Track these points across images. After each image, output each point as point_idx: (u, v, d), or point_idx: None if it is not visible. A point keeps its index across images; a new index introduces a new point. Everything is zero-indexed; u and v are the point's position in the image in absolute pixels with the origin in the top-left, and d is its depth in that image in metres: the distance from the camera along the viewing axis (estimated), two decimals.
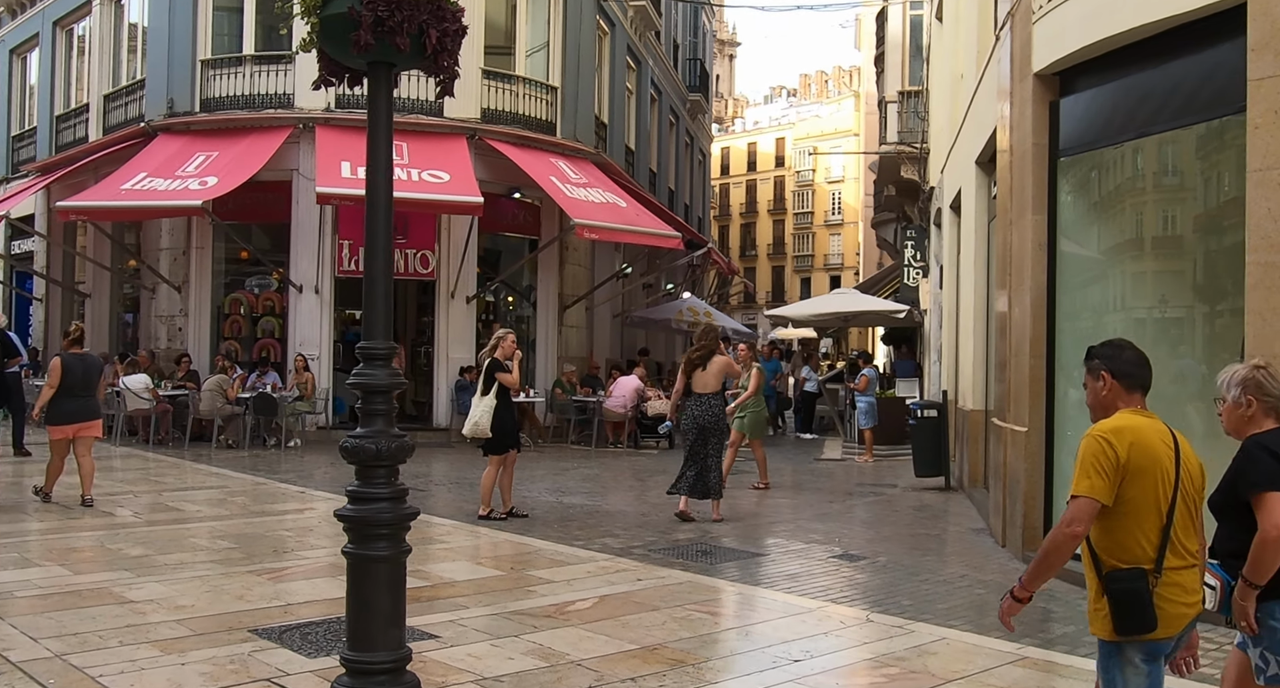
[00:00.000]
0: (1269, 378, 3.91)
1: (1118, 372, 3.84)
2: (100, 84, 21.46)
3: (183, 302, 18.74)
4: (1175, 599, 3.65)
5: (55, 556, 8.60)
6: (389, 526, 5.14)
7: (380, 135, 5.35)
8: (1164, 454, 3.69)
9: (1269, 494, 3.66)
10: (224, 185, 16.56)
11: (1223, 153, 7.71)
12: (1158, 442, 3.71)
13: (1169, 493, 3.66)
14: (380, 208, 5.28)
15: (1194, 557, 3.73)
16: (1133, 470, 3.63)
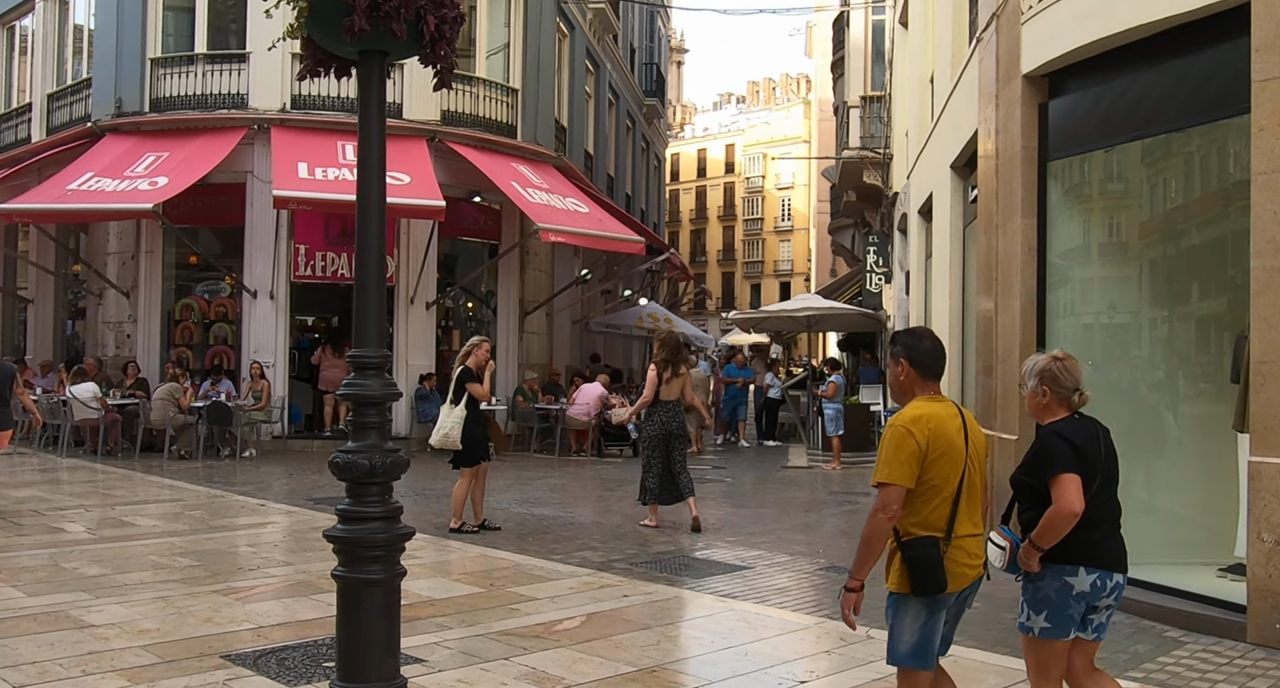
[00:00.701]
0: (1064, 371, 4.31)
1: (914, 360, 4.22)
2: (44, 83, 20.79)
3: (131, 307, 18.15)
4: (960, 562, 4.09)
5: (5, 575, 8.12)
6: (383, 547, 4.82)
7: (372, 131, 5.04)
8: (956, 437, 4.12)
9: (1063, 476, 4.09)
10: (175, 186, 16.05)
11: (1224, 156, 7.58)
12: (951, 426, 4.12)
13: (959, 471, 4.08)
14: (373, 208, 4.97)
15: (977, 525, 4.19)
16: (932, 455, 4.03)
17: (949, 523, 4.08)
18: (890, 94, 20.51)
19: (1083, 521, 4.12)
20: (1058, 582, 4.23)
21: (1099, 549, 4.26)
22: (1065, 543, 4.16)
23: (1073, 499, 4.08)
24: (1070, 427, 4.27)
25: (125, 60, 18.33)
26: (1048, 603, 4.25)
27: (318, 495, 12.77)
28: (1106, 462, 4.30)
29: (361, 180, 4.97)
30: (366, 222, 4.92)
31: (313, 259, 17.59)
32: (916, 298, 16.74)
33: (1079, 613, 4.27)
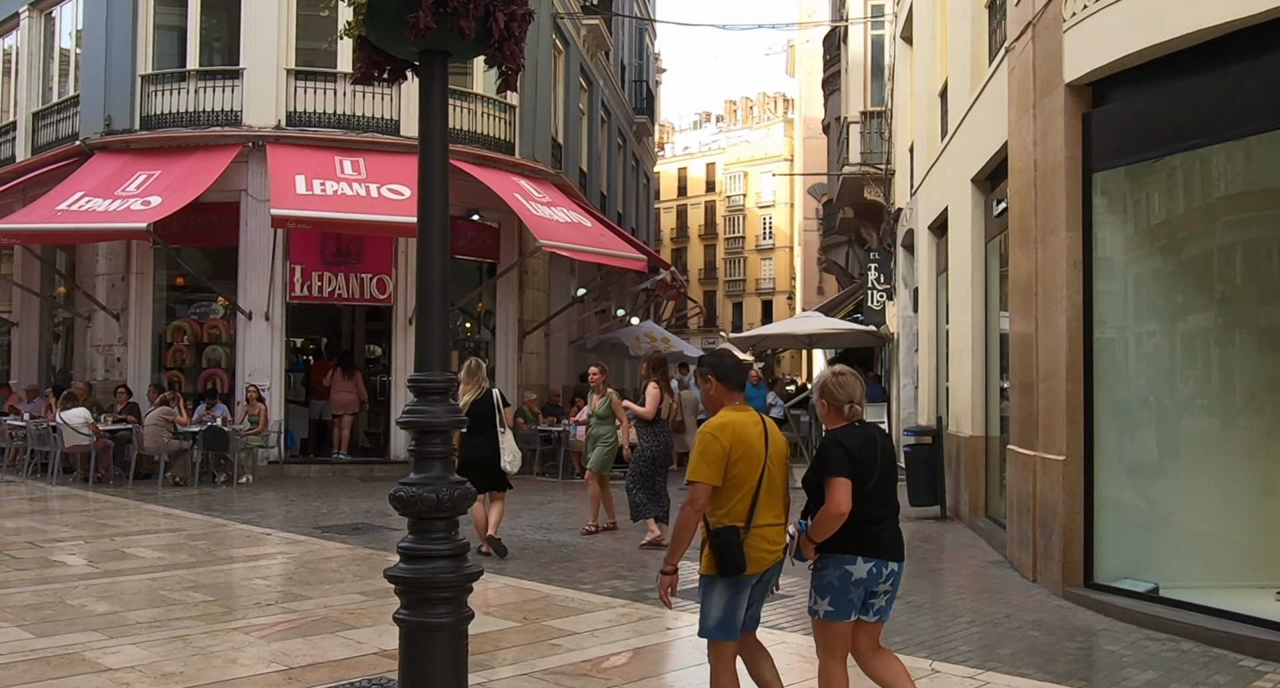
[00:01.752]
0: (838, 386, 4.80)
1: (720, 376, 4.89)
2: (29, 101, 20.33)
3: (121, 330, 17.67)
4: (760, 548, 4.69)
5: (10, 614, 7.68)
6: (451, 587, 4.47)
7: (434, 140, 4.71)
8: (756, 441, 4.73)
9: (835, 480, 4.61)
10: (169, 205, 15.63)
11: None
12: (752, 432, 4.74)
13: (759, 470, 4.68)
14: (435, 221, 4.64)
15: (778, 517, 4.79)
16: (735, 456, 4.65)
17: (749, 514, 4.68)
18: (891, 109, 20.29)
19: (860, 516, 4.65)
20: (839, 570, 4.71)
21: (875, 541, 4.73)
22: (845, 536, 4.67)
23: (840, 500, 4.60)
24: (847, 433, 4.76)
25: (114, 77, 17.91)
26: (830, 589, 4.73)
27: (324, 523, 12.34)
28: (882, 465, 4.76)
29: (423, 191, 4.63)
30: (429, 235, 4.59)
31: (308, 279, 17.16)
32: (927, 314, 16.46)
33: (859, 598, 4.74)
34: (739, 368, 4.95)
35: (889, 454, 4.86)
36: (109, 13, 18.07)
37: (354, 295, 17.47)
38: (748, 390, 18.20)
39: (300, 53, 17.79)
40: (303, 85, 17.53)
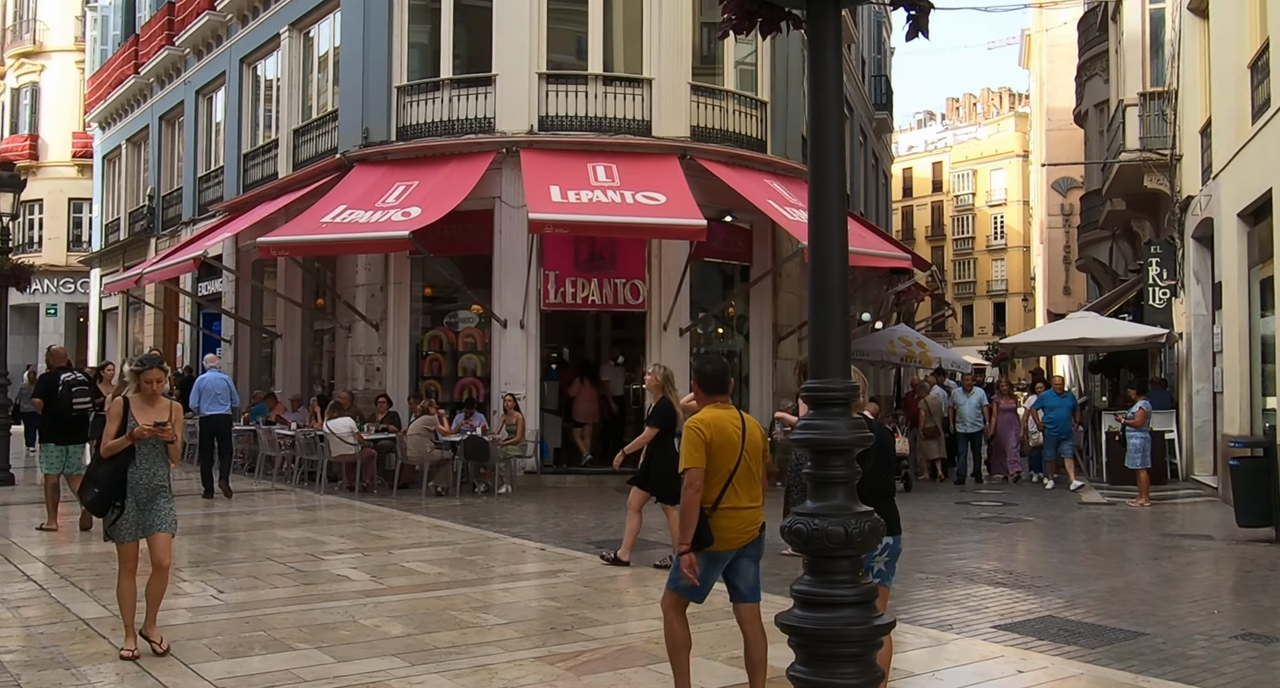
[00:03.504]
0: None
1: (700, 382, 5.63)
2: (289, 118, 20.90)
3: (380, 340, 17.81)
4: (729, 527, 5.29)
5: (307, 635, 7.37)
6: (859, 642, 3.66)
7: (829, 101, 3.89)
8: (734, 434, 5.37)
9: None
10: (428, 215, 15.57)
11: None
12: (730, 426, 5.39)
13: (734, 460, 5.32)
14: (833, 203, 3.80)
15: (754, 500, 5.41)
16: (714, 447, 5.28)
17: (718, 497, 5.31)
18: (1178, 88, 18.51)
19: None
20: None
21: None
22: None
23: None
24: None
25: (371, 90, 18.11)
26: None
27: (595, 538, 11.82)
28: (877, 452, 5.24)
29: (816, 166, 3.84)
30: (826, 221, 3.78)
31: (562, 286, 16.86)
32: (1235, 312, 14.76)
33: None
34: (719, 375, 5.68)
35: (885, 442, 5.68)
36: (365, 27, 18.30)
37: (607, 301, 17.07)
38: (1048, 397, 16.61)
39: (550, 56, 17.54)
40: (554, 89, 17.26)
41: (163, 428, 6.65)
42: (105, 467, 6.68)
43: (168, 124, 27.57)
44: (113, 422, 6.70)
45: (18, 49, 40.97)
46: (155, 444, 6.73)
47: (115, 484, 6.63)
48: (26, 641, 7.15)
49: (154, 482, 6.72)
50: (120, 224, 30.73)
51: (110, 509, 6.63)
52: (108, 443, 6.66)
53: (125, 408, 6.73)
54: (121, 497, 6.61)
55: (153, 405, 6.85)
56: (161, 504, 6.77)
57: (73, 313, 39.32)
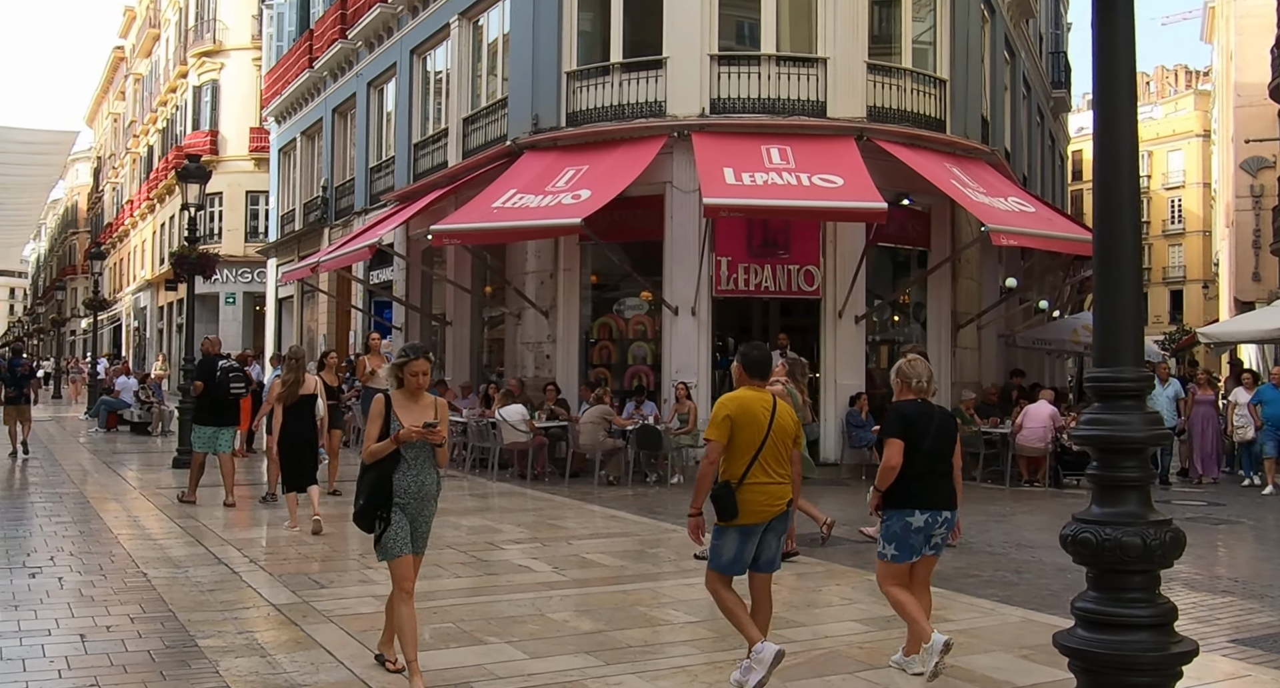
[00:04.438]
0: (909, 367, 6.31)
1: (744, 366, 6.11)
2: (459, 107, 21.01)
3: (550, 327, 17.72)
4: (755, 501, 5.80)
5: (495, 628, 7.18)
6: (1155, 670, 3.19)
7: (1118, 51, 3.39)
8: (761, 414, 5.88)
9: (890, 440, 6.05)
10: (598, 199, 15.39)
11: None
12: (758, 406, 5.91)
13: (759, 439, 5.83)
14: (1124, 168, 3.31)
15: (781, 477, 5.92)
16: (737, 424, 5.83)
17: (743, 474, 5.77)
18: None
19: (912, 472, 5.97)
20: (900, 521, 6.02)
21: (927, 495, 6.00)
22: (903, 492, 6.00)
23: (891, 455, 5.99)
24: (909, 405, 6.13)
25: (541, 76, 18.02)
26: (895, 537, 6.05)
27: None
28: (937, 433, 6.03)
29: (1103, 126, 3.35)
30: (1116, 188, 3.30)
31: (734, 272, 16.48)
32: None
33: (919, 543, 6.05)
34: (763, 361, 6.09)
35: (946, 426, 6.18)
36: (534, 14, 18.23)
37: (781, 288, 16.61)
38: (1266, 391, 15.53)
39: (721, 38, 17.15)
40: (726, 70, 16.87)
41: (433, 430, 5.84)
42: (369, 473, 5.95)
43: (340, 116, 28.17)
44: (374, 422, 5.93)
45: (199, 48, 42.62)
46: (423, 448, 5.95)
47: (380, 493, 5.89)
48: (222, 626, 7.14)
49: (423, 490, 5.97)
50: (295, 215, 31.59)
51: (376, 521, 5.89)
52: (370, 447, 5.90)
53: (388, 406, 5.94)
54: (387, 506, 5.87)
55: (416, 402, 6.06)
56: (428, 517, 6.11)
57: (249, 301, 40.77)
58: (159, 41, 51.41)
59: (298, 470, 11.37)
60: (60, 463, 18.10)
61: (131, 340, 57.38)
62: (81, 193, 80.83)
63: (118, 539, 10.51)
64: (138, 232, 55.85)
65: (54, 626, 7.10)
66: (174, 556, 9.61)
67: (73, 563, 9.28)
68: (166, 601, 7.83)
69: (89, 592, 8.15)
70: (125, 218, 58.16)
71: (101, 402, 26.72)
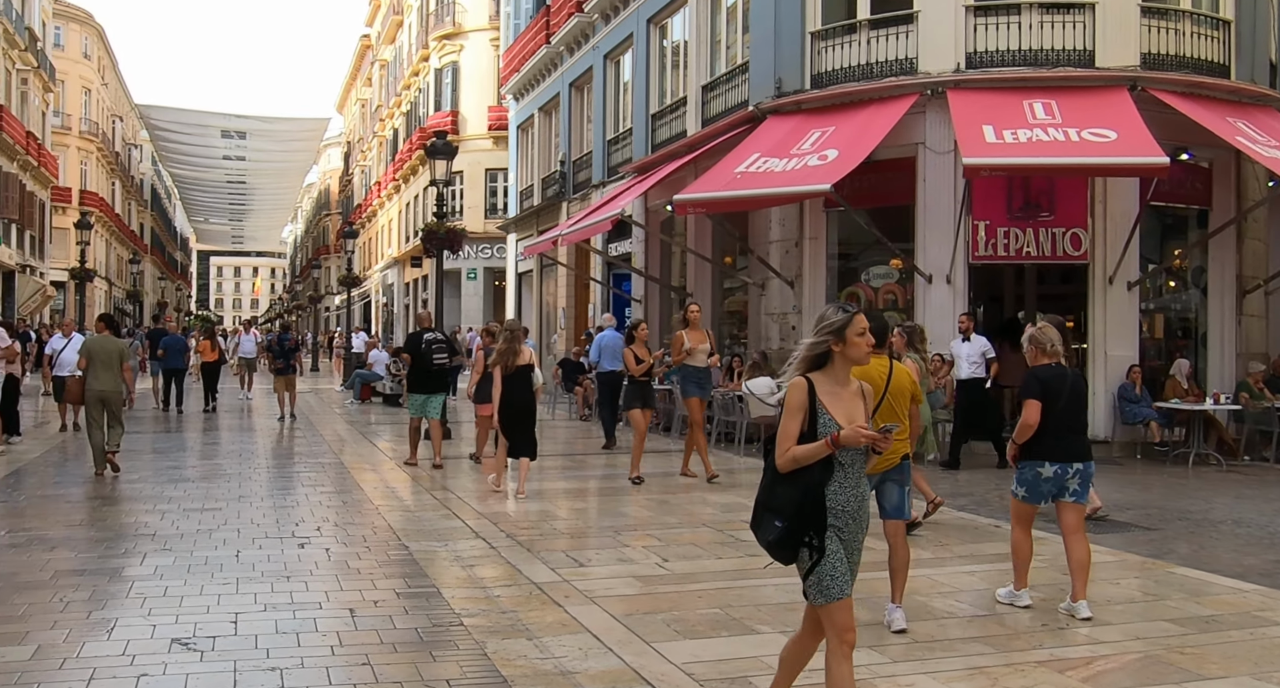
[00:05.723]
0: (1041, 334, 7.10)
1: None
2: (698, 75, 20.61)
3: (795, 297, 17.15)
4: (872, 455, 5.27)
5: (766, 615, 6.76)
6: None
7: None
8: (878, 378, 6.49)
9: (1028, 401, 6.88)
10: (847, 161, 14.68)
11: None
12: (874, 371, 6.43)
13: (876, 400, 6.21)
14: None
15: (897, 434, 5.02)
16: None
17: None
18: None
19: (1047, 429, 6.88)
20: (1032, 471, 6.99)
21: (1059, 449, 6.91)
22: (1037, 446, 6.93)
23: (1029, 415, 6.87)
24: (1044, 369, 7.00)
25: (784, 39, 17.39)
26: (1026, 483, 7.04)
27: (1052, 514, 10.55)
28: (1070, 394, 6.94)
29: None
30: None
31: (993, 237, 15.48)
32: None
33: (1049, 491, 6.99)
34: (878, 330, 6.07)
35: (1077, 387, 7.06)
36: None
37: (1044, 253, 15.50)
38: None
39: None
40: (983, 22, 15.82)
41: (888, 435, 4.30)
42: (785, 487, 4.37)
43: (577, 90, 28.27)
44: (793, 417, 4.38)
45: (440, 32, 43.85)
46: (862, 453, 4.43)
47: (810, 513, 4.33)
48: (486, 604, 6.99)
49: (862, 507, 4.47)
50: (534, 190, 32.02)
51: (805, 550, 4.37)
52: (793, 450, 4.35)
53: (811, 396, 4.41)
54: (820, 531, 4.34)
55: (845, 388, 4.49)
56: (862, 541, 4.56)
57: (490, 277, 41.82)
58: (402, 27, 53.25)
59: (520, 440, 11.75)
60: (321, 433, 18.83)
61: (380, 315, 60.06)
62: (333, 176, 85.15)
63: (378, 510, 10.66)
64: (384, 211, 58.29)
65: (324, 599, 7.12)
66: (433, 529, 9.63)
67: (337, 534, 9.42)
68: (430, 576, 7.78)
69: (355, 564, 8.19)
70: (373, 198, 60.79)
71: (356, 375, 27.85)
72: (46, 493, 11.84)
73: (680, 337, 13.13)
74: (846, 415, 4.40)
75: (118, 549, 8.67)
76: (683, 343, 13.05)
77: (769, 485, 4.46)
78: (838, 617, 4.39)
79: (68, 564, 8.06)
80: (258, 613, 6.70)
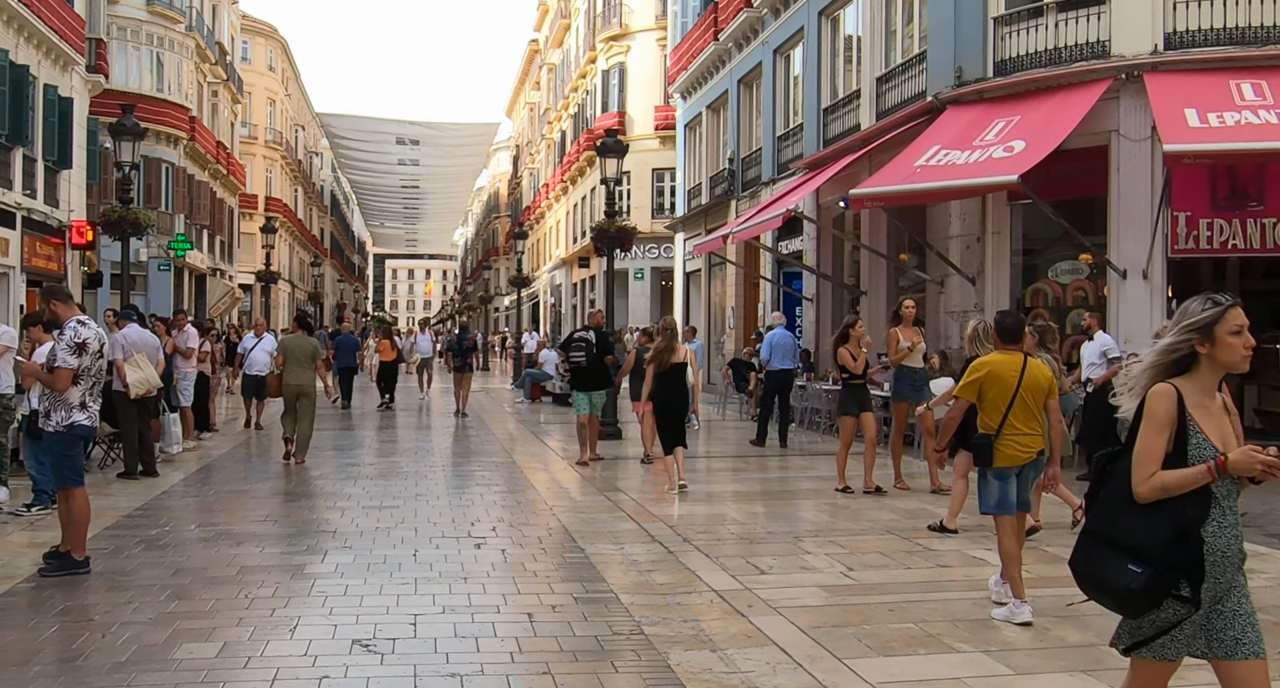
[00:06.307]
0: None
1: (999, 332, 7.03)
2: (871, 66, 20.00)
3: (977, 294, 16.43)
4: (1009, 450, 6.79)
5: (964, 632, 6.31)
6: None
7: None
8: (1010, 374, 6.78)
9: None
10: (1035, 151, 13.94)
11: None
12: (1007, 368, 6.81)
13: (1009, 396, 6.76)
14: None
15: (1032, 429, 6.84)
16: (987, 383, 6.82)
17: (998, 427, 6.81)
18: None
19: None
20: None
21: None
22: None
23: None
24: None
25: (964, 25, 16.68)
26: None
27: (1274, 529, 9.75)
28: None
29: None
30: None
31: (1194, 229, 14.47)
32: None
33: None
34: (1015, 327, 7.02)
35: None
36: None
37: (1253, 246, 14.41)
38: None
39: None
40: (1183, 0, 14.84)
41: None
42: (1147, 522, 3.54)
43: (745, 87, 27.90)
44: (1159, 433, 3.58)
45: (606, 33, 44.03)
46: (1235, 483, 3.62)
47: (1180, 559, 3.49)
48: (666, 612, 6.73)
49: (1240, 552, 3.64)
50: (702, 189, 31.78)
51: (1167, 601, 3.53)
52: (1159, 477, 3.55)
53: (1181, 409, 3.60)
54: (1196, 581, 3.51)
55: (1214, 400, 3.70)
56: (1238, 598, 3.62)
57: (656, 277, 41.75)
58: (569, 31, 53.75)
59: (669, 432, 11.98)
60: (492, 431, 18.99)
61: (548, 316, 60.82)
62: (502, 180, 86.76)
63: (551, 511, 10.56)
64: (552, 213, 58.99)
65: (502, 602, 6.99)
66: (607, 531, 9.45)
67: (513, 535, 9.33)
68: (606, 580, 7.57)
69: (531, 566, 8.07)
70: (541, 200, 61.60)
71: (526, 374, 28.11)
72: (233, 488, 12.16)
73: (895, 334, 12.49)
74: (1220, 435, 3.63)
75: (300, 546, 8.76)
76: (898, 341, 12.41)
77: (1116, 516, 3.62)
78: (1150, 681, 3.72)
79: (253, 560, 8.16)
80: (436, 615, 6.61)
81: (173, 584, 7.35)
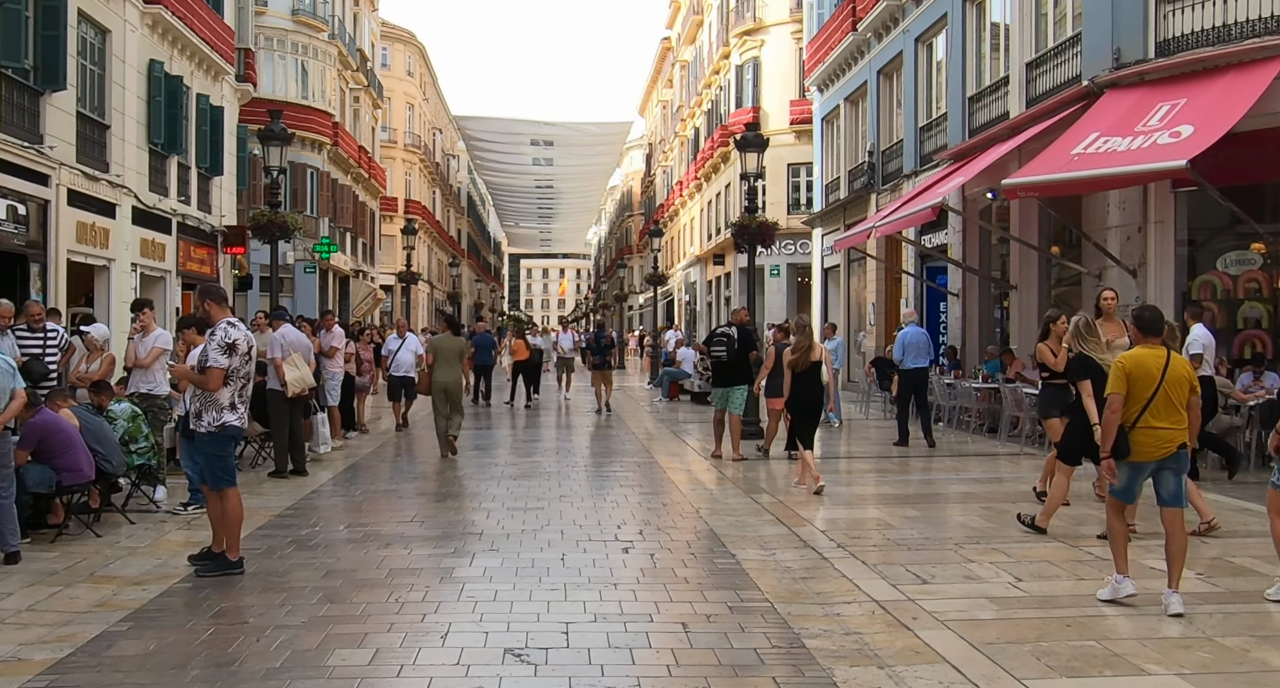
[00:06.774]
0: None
1: (1139, 326, 6.95)
2: (1021, 52, 19.21)
3: (1138, 287, 15.61)
4: (1146, 443, 6.74)
5: (1154, 652, 5.84)
6: None
7: None
8: (1153, 368, 6.74)
9: None
10: (1206, 135, 13.11)
11: None
12: (1151, 362, 6.76)
13: (1151, 389, 6.69)
14: None
15: (1173, 423, 6.75)
16: (1132, 378, 6.72)
17: (1135, 419, 6.72)
18: None
19: None
20: None
21: None
22: None
23: None
24: None
25: (1122, 5, 15.86)
26: None
27: None
28: None
29: None
30: None
31: None
32: None
33: None
34: (1154, 320, 6.92)
35: None
36: None
37: None
38: None
39: None
40: None
41: None
42: None
43: (885, 77, 27.22)
44: None
45: (740, 28, 43.62)
46: None
47: None
48: (826, 623, 6.42)
49: None
50: (840, 183, 31.17)
51: None
52: None
53: None
54: None
55: None
56: None
57: (793, 273, 41.18)
58: (702, 27, 53.44)
59: (805, 431, 12.02)
60: (632, 430, 18.85)
61: (683, 314, 60.64)
62: (635, 178, 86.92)
63: (698, 514, 10.31)
64: (686, 210, 58.77)
65: (654, 610, 6.77)
66: (757, 535, 9.16)
67: (660, 539, 9.11)
68: (761, 588, 7.29)
69: (682, 573, 7.83)
70: (675, 198, 61.44)
71: (665, 372, 27.95)
72: (379, 488, 12.22)
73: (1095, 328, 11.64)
74: None
75: (447, 548, 8.69)
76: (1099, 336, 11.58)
77: None
78: None
79: (401, 563, 8.11)
80: (588, 624, 6.42)
81: (324, 587, 7.33)
